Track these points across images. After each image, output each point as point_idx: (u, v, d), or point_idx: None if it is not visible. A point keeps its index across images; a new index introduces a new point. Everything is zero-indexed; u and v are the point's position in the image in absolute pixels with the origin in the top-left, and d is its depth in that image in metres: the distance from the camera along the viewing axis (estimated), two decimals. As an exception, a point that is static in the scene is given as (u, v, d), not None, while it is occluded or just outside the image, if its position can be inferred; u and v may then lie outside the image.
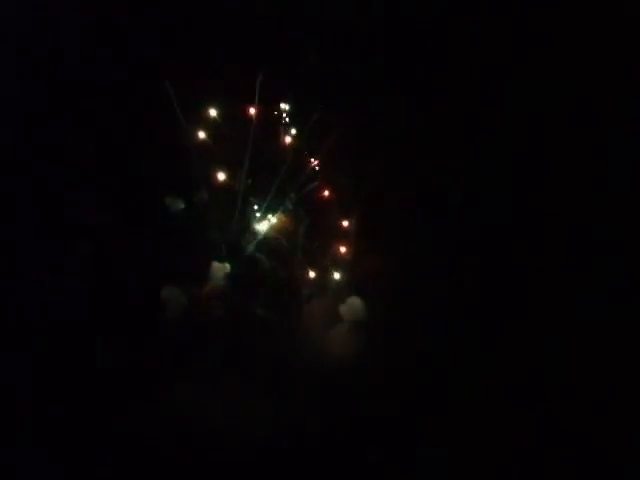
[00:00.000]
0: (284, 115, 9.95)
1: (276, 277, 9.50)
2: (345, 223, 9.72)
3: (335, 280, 9.53)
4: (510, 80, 10.45)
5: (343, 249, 9.67)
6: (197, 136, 9.60)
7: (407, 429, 8.60)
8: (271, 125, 9.83)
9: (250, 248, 9.62)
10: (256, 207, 9.73)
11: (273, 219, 9.68)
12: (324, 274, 9.55)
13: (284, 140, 9.82)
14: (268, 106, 9.76)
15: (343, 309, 9.42)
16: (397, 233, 9.68)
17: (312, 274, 9.50)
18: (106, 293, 9.25)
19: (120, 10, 10.29)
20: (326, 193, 9.78)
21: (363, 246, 9.69)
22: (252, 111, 9.63)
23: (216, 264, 9.46)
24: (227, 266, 9.49)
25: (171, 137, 9.56)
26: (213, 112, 9.67)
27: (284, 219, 9.77)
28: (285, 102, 9.94)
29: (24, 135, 9.89)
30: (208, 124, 9.66)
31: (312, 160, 9.85)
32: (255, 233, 9.63)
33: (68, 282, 9.26)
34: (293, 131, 9.89)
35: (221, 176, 9.53)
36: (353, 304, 9.42)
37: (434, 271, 9.50)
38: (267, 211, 9.74)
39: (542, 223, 9.82)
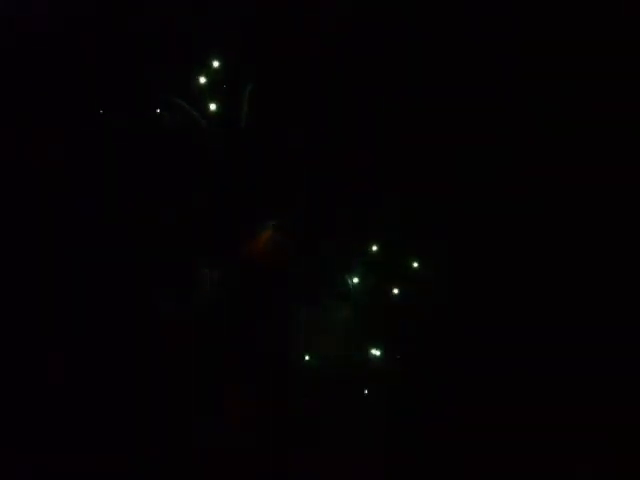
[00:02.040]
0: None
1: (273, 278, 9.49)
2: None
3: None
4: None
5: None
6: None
7: (406, 428, 8.54)
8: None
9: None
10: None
11: None
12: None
13: None
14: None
15: (340, 312, 9.40)
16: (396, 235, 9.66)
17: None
18: (100, 298, 9.28)
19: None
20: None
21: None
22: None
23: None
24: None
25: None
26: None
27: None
28: None
29: (24, 135, 10.00)
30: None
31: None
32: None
33: (61, 287, 9.32)
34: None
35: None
36: (349, 307, 9.40)
37: (432, 271, 9.47)
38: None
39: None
